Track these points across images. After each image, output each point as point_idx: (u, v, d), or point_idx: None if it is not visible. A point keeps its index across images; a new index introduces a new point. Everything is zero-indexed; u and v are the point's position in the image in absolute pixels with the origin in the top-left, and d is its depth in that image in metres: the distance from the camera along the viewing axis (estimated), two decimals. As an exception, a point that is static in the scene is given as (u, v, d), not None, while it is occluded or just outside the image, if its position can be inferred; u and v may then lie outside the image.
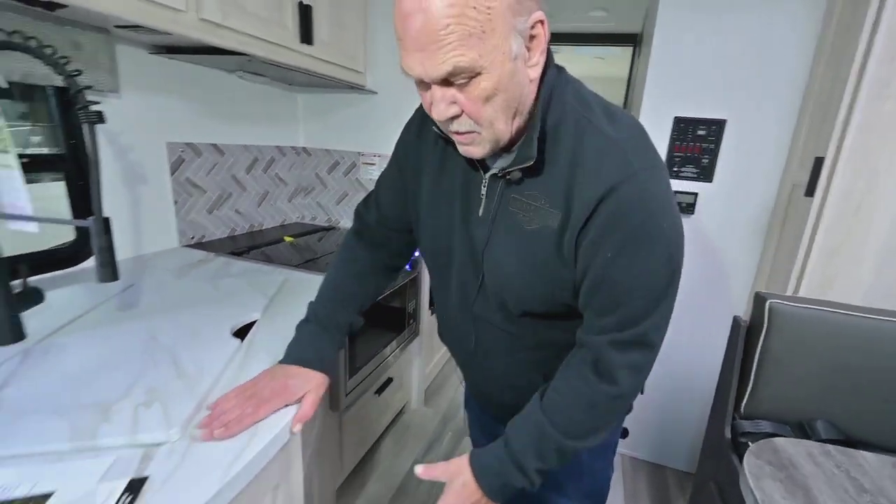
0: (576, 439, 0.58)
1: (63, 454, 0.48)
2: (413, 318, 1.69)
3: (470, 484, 0.60)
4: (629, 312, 0.54)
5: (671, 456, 1.64)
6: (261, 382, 0.60)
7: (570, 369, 0.59)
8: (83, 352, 0.67)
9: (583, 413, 0.58)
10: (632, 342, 0.55)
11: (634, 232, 0.51)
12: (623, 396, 0.58)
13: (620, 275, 0.53)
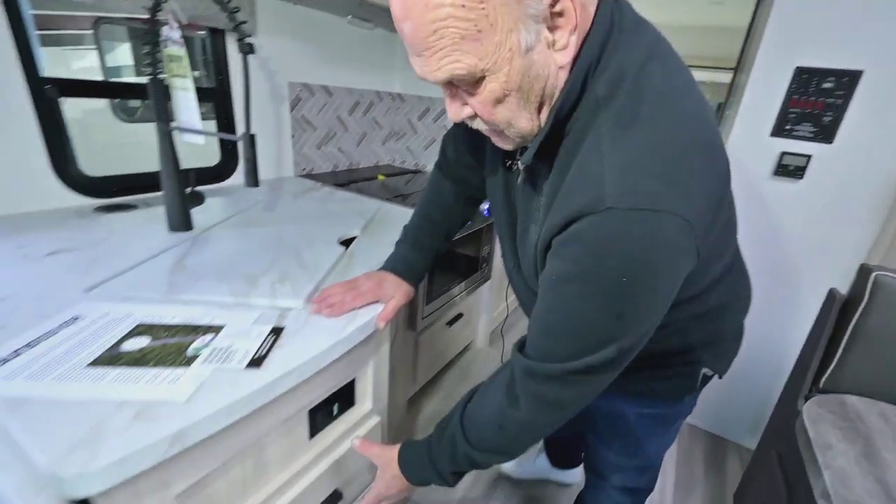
0: (487, 453, 0.60)
1: (226, 305, 0.64)
2: (486, 263, 1.78)
3: (398, 476, 0.67)
4: (551, 348, 0.51)
5: (733, 429, 1.61)
6: (360, 280, 0.72)
7: (492, 384, 0.60)
8: (232, 242, 0.86)
9: (492, 433, 0.59)
10: (546, 375, 0.51)
11: (579, 271, 0.45)
12: (530, 426, 0.56)
13: (554, 307, 0.49)
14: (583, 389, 0.52)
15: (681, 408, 0.78)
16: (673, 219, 0.41)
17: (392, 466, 0.67)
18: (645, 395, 0.76)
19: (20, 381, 0.47)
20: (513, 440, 0.58)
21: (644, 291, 0.45)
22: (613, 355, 0.48)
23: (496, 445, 0.59)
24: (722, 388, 1.52)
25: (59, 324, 0.56)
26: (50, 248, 0.76)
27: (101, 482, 0.40)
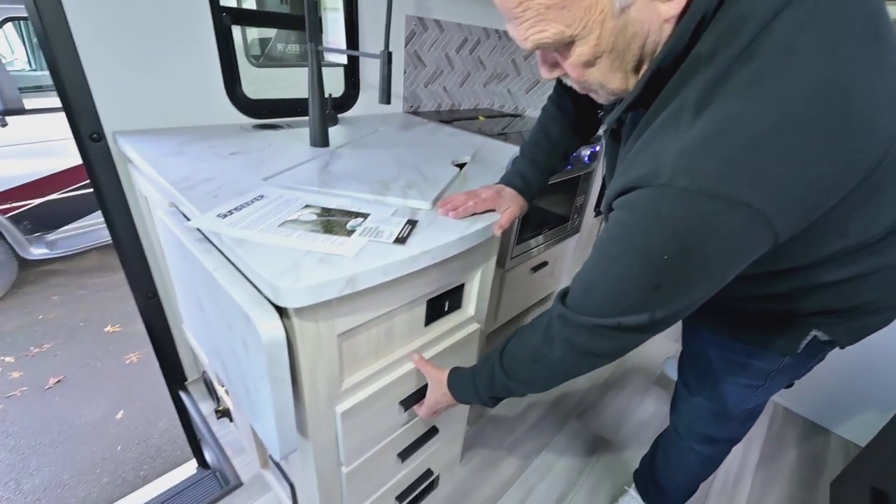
0: (519, 383, 0.66)
1: (368, 201, 0.76)
2: (577, 214, 1.79)
3: (447, 394, 0.77)
4: (588, 301, 0.54)
5: (838, 419, 1.51)
6: (480, 189, 0.80)
7: (533, 324, 0.65)
8: (361, 157, 0.98)
9: (526, 366, 0.65)
10: (577, 324, 0.55)
11: (624, 237, 0.46)
12: (560, 366, 0.60)
13: (597, 263, 0.51)
14: (613, 344, 0.55)
15: (775, 364, 0.73)
16: (733, 206, 0.38)
17: (442, 386, 0.78)
18: (736, 339, 0.74)
19: (238, 228, 0.62)
20: (544, 375, 0.64)
21: (686, 273, 0.44)
22: (645, 322, 0.49)
23: (528, 377, 0.66)
24: (835, 375, 1.46)
25: (251, 199, 0.72)
26: (231, 150, 0.93)
27: (302, 299, 0.53)
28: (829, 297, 0.60)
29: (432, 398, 0.80)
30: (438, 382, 0.78)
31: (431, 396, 0.80)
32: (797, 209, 0.41)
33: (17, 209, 2.35)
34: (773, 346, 0.70)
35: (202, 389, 1.39)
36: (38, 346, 2.24)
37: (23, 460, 1.69)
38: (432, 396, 0.80)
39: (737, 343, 0.74)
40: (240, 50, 1.37)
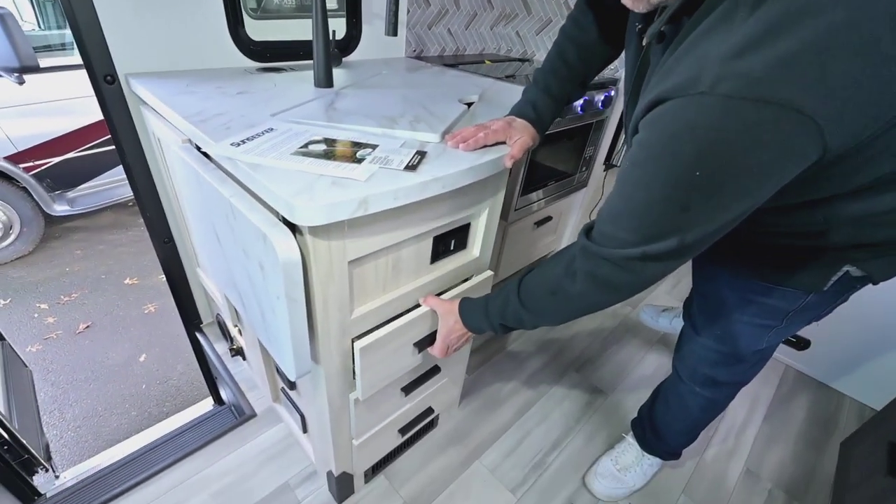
0: (533, 314, 0.66)
1: (375, 134, 0.77)
2: (586, 167, 1.75)
3: (458, 322, 0.78)
4: (613, 232, 0.52)
5: (856, 384, 1.51)
6: (490, 121, 0.78)
7: (554, 257, 0.64)
8: (367, 96, 0.98)
9: (543, 296, 0.64)
10: (601, 256, 0.54)
11: (650, 156, 0.44)
12: (580, 299, 0.59)
13: (621, 192, 0.50)
14: (634, 277, 0.53)
15: (796, 303, 0.69)
16: (782, 112, 0.35)
17: (453, 314, 0.79)
18: (755, 277, 0.70)
19: (252, 155, 0.64)
20: (561, 307, 0.64)
21: (720, 190, 0.42)
22: (673, 247, 0.47)
23: (543, 308, 0.65)
24: (852, 338, 1.45)
25: (262, 131, 0.73)
26: (237, 90, 0.94)
27: (317, 217, 0.56)
28: (869, 230, 0.55)
29: (444, 329, 0.81)
30: (449, 311, 0.80)
31: (443, 328, 0.81)
32: (856, 119, 0.37)
33: (38, 167, 2.42)
34: (797, 284, 0.66)
35: (216, 331, 1.45)
36: (67, 295, 2.36)
37: (63, 394, 1.83)
38: (444, 327, 0.81)
39: (756, 281, 0.71)
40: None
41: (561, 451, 1.25)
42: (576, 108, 1.43)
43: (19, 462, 1.18)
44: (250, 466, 1.13)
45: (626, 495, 1.14)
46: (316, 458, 1.09)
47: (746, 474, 1.25)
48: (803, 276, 0.65)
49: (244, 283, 0.76)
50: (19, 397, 1.47)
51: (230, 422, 1.25)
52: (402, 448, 1.17)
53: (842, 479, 1.21)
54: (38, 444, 1.35)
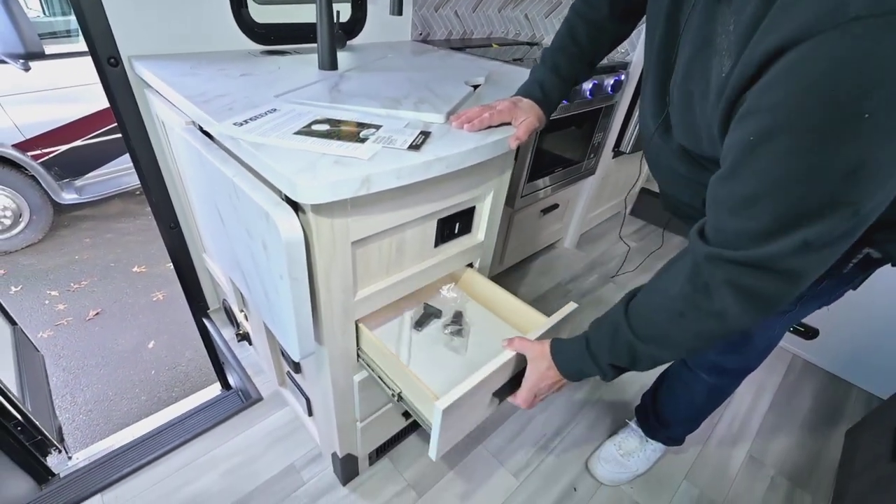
0: (655, 345, 0.53)
1: (379, 115, 0.77)
2: (595, 153, 1.73)
3: (552, 368, 0.66)
4: (748, 227, 0.41)
5: (864, 374, 1.49)
6: (495, 102, 0.77)
7: (665, 275, 0.53)
8: (371, 79, 0.97)
9: (667, 322, 0.52)
10: (744, 263, 0.43)
11: (792, 118, 0.35)
12: (722, 317, 0.47)
13: (749, 176, 0.39)
14: (790, 279, 0.42)
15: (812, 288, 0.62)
16: None
17: (545, 358, 0.67)
18: None
19: (255, 134, 0.63)
20: (694, 332, 0.50)
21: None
22: (846, 223, 0.38)
23: (670, 336, 0.52)
24: (861, 326, 1.43)
25: (265, 111, 0.73)
26: (241, 72, 0.93)
27: (320, 195, 0.55)
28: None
29: (534, 375, 0.69)
30: (541, 355, 0.68)
31: (533, 374, 0.69)
32: None
33: (46, 155, 2.44)
34: None
35: (223, 317, 1.47)
36: (76, 282, 2.39)
37: (74, 378, 1.87)
38: (534, 373, 0.69)
39: None
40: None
41: (564, 437, 1.26)
42: (585, 92, 1.41)
43: (33, 443, 1.21)
44: (257, 448, 1.15)
45: (628, 479, 1.14)
46: (321, 440, 1.10)
47: (750, 461, 1.25)
48: None
49: (248, 263, 0.76)
50: (32, 381, 1.50)
51: (237, 405, 1.27)
52: (406, 432, 1.18)
53: (846, 467, 1.21)
54: (51, 426, 1.38)
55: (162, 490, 1.06)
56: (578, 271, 1.99)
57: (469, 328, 0.91)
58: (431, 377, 0.79)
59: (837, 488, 1.17)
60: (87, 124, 2.50)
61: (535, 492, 1.12)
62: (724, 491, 1.17)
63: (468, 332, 0.90)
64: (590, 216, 2.09)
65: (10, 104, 2.26)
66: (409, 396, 0.75)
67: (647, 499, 1.13)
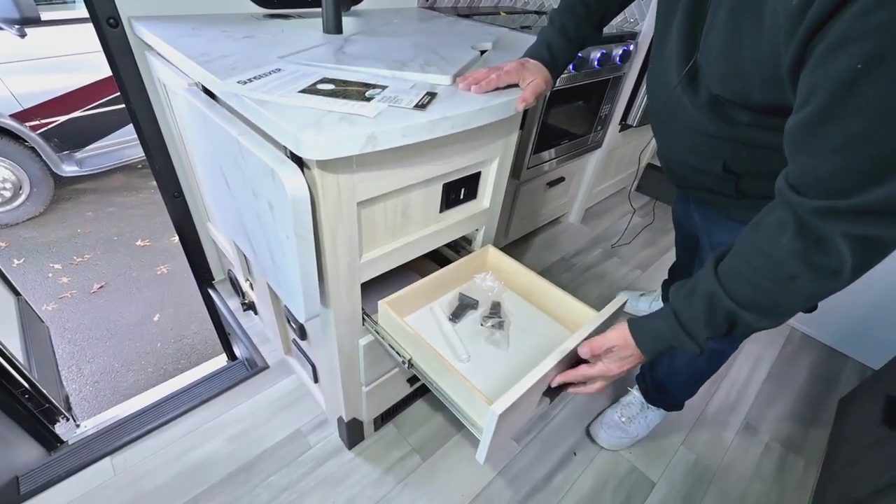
0: (758, 312, 0.49)
1: (385, 77, 0.75)
2: (601, 126, 1.71)
3: (633, 351, 0.61)
4: (864, 168, 0.38)
5: (859, 346, 1.52)
6: (502, 64, 0.76)
7: (761, 231, 0.48)
8: (377, 42, 0.95)
9: (777, 287, 0.47)
10: (863, 211, 0.39)
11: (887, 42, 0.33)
12: (840, 273, 0.43)
13: (865, 108, 0.36)
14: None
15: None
16: None
17: (628, 344, 0.61)
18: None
19: (259, 93, 0.62)
20: (805, 293, 0.47)
21: None
22: None
23: (776, 302, 0.49)
24: (859, 299, 1.45)
25: (269, 71, 0.71)
26: (244, 34, 0.92)
27: (325, 151, 0.55)
28: None
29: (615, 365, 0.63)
30: (623, 344, 0.62)
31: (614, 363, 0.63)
32: None
33: (45, 126, 2.41)
34: None
35: (228, 288, 1.48)
36: (80, 255, 2.40)
37: (80, 350, 1.89)
38: (615, 363, 0.63)
39: None
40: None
41: (566, 404, 1.28)
42: (593, 62, 1.38)
43: (41, 410, 1.23)
44: (264, 414, 1.17)
45: (629, 445, 1.17)
46: (327, 406, 1.12)
47: (745, 428, 1.28)
48: None
49: (253, 225, 0.76)
50: (38, 351, 1.52)
51: (243, 374, 1.29)
52: (410, 398, 1.20)
53: (837, 433, 1.24)
54: (59, 395, 1.40)
55: (170, 454, 1.09)
56: (582, 245, 1.99)
57: (510, 320, 0.86)
58: (477, 376, 0.75)
59: (829, 452, 1.20)
60: (86, 94, 2.46)
61: (536, 456, 1.15)
62: (719, 456, 1.20)
63: (509, 325, 0.84)
64: (595, 191, 2.08)
65: (7, 73, 2.22)
66: (457, 400, 0.69)
67: (645, 463, 1.16)
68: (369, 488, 1.04)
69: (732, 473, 1.16)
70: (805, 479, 1.16)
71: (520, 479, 1.09)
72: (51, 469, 1.07)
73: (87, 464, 1.08)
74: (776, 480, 1.15)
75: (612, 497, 1.08)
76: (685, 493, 1.11)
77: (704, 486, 1.13)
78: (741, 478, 1.15)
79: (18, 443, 1.13)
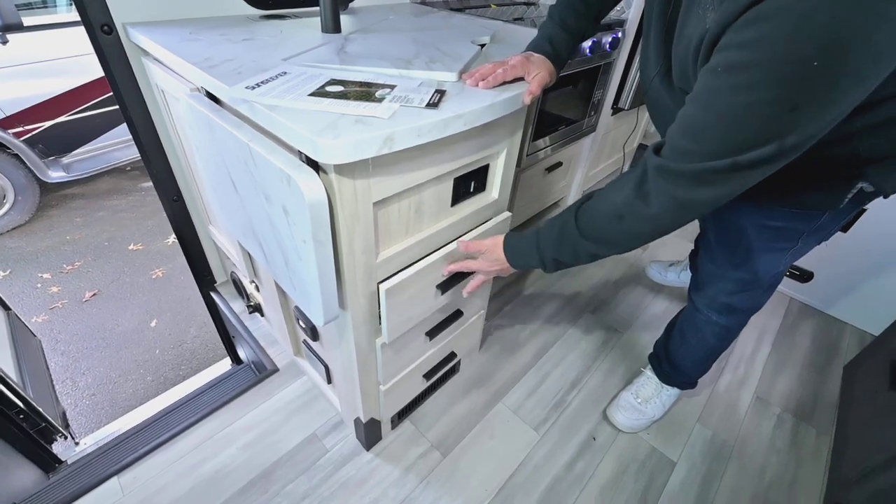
0: (595, 243, 0.63)
1: (391, 76, 0.75)
2: (594, 112, 1.73)
3: (500, 258, 0.77)
4: (694, 147, 0.49)
5: (857, 312, 1.57)
6: (507, 58, 0.77)
7: (618, 181, 0.61)
8: (377, 40, 0.95)
9: (608, 223, 0.61)
10: (680, 174, 0.51)
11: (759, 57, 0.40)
12: (653, 221, 0.57)
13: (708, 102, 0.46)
14: (720, 190, 0.51)
15: (811, 224, 0.73)
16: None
17: (497, 250, 0.78)
18: (775, 206, 0.73)
19: (270, 97, 0.62)
20: (630, 232, 0.61)
21: (838, 78, 0.39)
22: (770, 153, 0.45)
23: (609, 235, 0.63)
24: (854, 267, 1.49)
25: (275, 74, 0.70)
26: (243, 37, 0.90)
27: (343, 154, 0.55)
28: (886, 141, 0.58)
29: (484, 263, 0.80)
30: (493, 245, 0.79)
31: (483, 262, 0.81)
32: None
33: (29, 132, 2.35)
34: (814, 205, 0.70)
35: (231, 290, 1.46)
36: (69, 263, 2.35)
37: (74, 362, 1.85)
38: (484, 262, 0.81)
39: (775, 208, 0.73)
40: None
41: (581, 389, 1.30)
42: (584, 49, 1.40)
43: (37, 430, 1.18)
44: (276, 419, 1.17)
45: (646, 426, 1.19)
46: (342, 407, 1.13)
47: (757, 401, 1.31)
48: (821, 196, 0.68)
49: (265, 229, 0.75)
50: (31, 366, 1.47)
51: (252, 378, 1.28)
52: (426, 394, 1.21)
53: (845, 400, 1.28)
54: (55, 412, 1.36)
55: (181, 467, 1.06)
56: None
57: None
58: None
59: (839, 420, 1.24)
60: (72, 98, 2.40)
61: (555, 444, 1.16)
62: (735, 430, 1.23)
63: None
64: (591, 173, 2.11)
65: (-12, 81, 2.16)
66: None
67: (663, 443, 1.18)
68: (392, 489, 1.04)
69: (749, 447, 1.19)
70: (819, 448, 1.20)
71: (541, 468, 1.11)
72: (53, 493, 1.02)
73: (93, 485, 1.02)
74: (791, 451, 1.19)
75: (634, 480, 1.10)
76: (706, 470, 1.13)
77: (724, 461, 1.16)
78: (757, 451, 1.19)
79: (14, 466, 1.08)
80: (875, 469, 0.94)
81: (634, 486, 1.09)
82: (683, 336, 1.06)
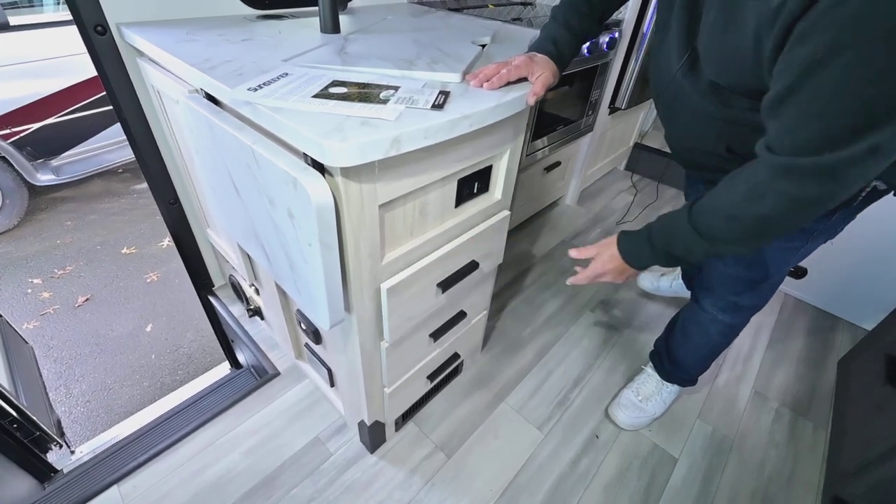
0: (710, 241, 0.62)
1: (394, 77, 0.74)
2: (592, 111, 1.74)
3: (615, 256, 0.76)
4: (812, 135, 0.47)
5: (849, 307, 1.59)
6: (511, 58, 0.77)
7: (732, 181, 0.59)
8: (377, 40, 0.94)
9: (722, 222, 0.60)
10: (806, 171, 0.49)
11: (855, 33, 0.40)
12: (768, 223, 0.55)
13: (816, 92, 0.44)
14: (845, 183, 0.48)
15: (822, 223, 0.74)
16: None
17: (610, 248, 0.77)
18: None
19: (273, 99, 0.61)
20: (744, 233, 0.59)
21: None
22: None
23: (723, 233, 0.61)
24: (847, 263, 1.51)
25: (277, 76, 0.70)
26: (241, 37, 0.89)
27: (350, 157, 0.54)
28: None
29: (598, 263, 0.79)
30: (607, 245, 0.78)
31: (598, 262, 0.79)
32: None
33: (16, 135, 2.30)
34: None
35: (230, 294, 1.45)
36: (61, 268, 2.30)
37: (67, 369, 1.81)
38: (598, 262, 0.79)
39: None
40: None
41: (583, 387, 1.31)
42: (582, 50, 1.40)
43: (31, 439, 1.16)
44: (279, 424, 1.15)
45: (647, 423, 1.20)
46: (345, 410, 1.12)
47: (755, 396, 1.33)
48: None
49: (268, 232, 0.75)
50: (23, 374, 1.44)
51: (252, 382, 1.26)
52: (429, 395, 1.21)
53: (842, 394, 1.30)
54: (49, 420, 1.33)
55: (183, 475, 1.05)
56: (581, 227, 2.03)
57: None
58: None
59: (836, 414, 1.26)
60: (60, 100, 2.35)
61: (559, 442, 1.16)
62: (734, 426, 1.24)
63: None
64: (589, 172, 2.13)
65: (-27, 83, 2.11)
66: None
67: (665, 440, 1.19)
68: (397, 491, 1.04)
69: (748, 442, 1.20)
70: (816, 441, 1.22)
71: (546, 467, 1.11)
72: (49, 503, 0.99)
73: (92, 495, 1.00)
74: (789, 445, 1.20)
75: (637, 477, 1.11)
76: (707, 465, 1.14)
77: (724, 456, 1.17)
78: (757, 445, 1.20)
79: (8, 476, 1.06)
80: (873, 462, 0.95)
81: (638, 483, 1.09)
82: (686, 334, 1.07)
